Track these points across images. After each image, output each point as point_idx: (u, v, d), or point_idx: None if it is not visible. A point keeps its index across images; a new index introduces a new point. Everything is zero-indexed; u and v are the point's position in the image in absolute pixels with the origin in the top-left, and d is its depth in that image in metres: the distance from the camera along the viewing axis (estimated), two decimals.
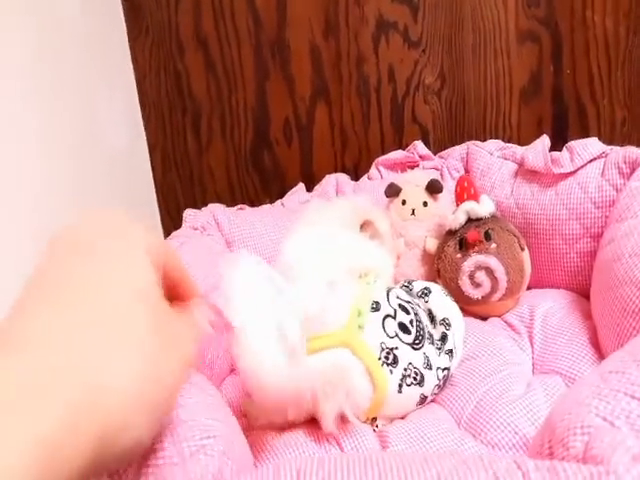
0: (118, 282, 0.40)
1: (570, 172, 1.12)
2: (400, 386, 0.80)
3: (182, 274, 0.49)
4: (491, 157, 1.29)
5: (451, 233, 1.13)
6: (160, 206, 1.63)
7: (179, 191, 1.63)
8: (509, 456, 0.59)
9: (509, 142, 1.32)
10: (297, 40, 1.52)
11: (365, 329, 0.79)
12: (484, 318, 1.11)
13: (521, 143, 1.29)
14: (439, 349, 0.88)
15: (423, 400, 0.85)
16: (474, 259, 1.07)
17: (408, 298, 0.90)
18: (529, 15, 1.46)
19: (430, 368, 0.84)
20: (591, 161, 1.11)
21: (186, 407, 0.57)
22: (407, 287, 0.98)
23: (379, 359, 0.78)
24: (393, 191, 1.23)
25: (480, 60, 1.51)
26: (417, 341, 0.83)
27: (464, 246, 1.09)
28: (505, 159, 1.27)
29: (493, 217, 1.12)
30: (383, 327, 0.81)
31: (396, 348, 0.80)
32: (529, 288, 1.15)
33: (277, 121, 1.58)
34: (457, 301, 1.06)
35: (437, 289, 0.98)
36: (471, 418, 0.81)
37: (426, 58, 1.52)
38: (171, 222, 1.60)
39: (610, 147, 1.11)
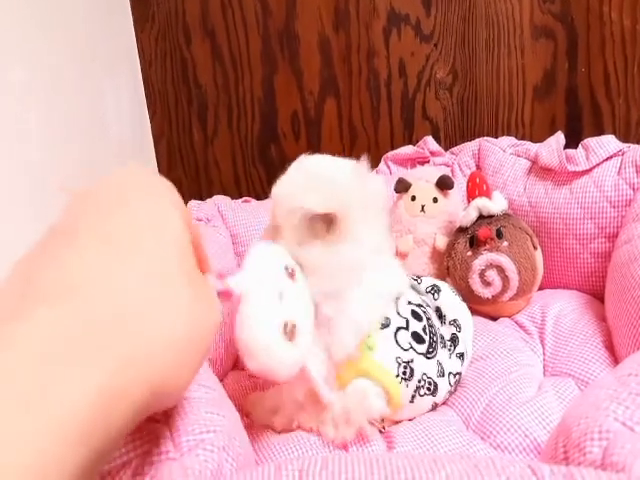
0: (152, 232, 0.40)
1: (585, 170, 1.09)
2: (413, 397, 0.78)
3: (199, 243, 0.47)
4: (504, 154, 1.26)
5: (462, 230, 1.10)
6: None
7: (184, 182, 1.61)
8: (522, 460, 0.56)
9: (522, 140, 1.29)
10: (306, 31, 1.49)
11: (376, 349, 0.76)
12: (494, 318, 1.08)
13: (534, 142, 1.26)
14: (450, 351, 0.85)
15: (434, 407, 0.83)
16: (485, 257, 1.04)
17: (419, 300, 0.86)
18: (544, 10, 1.43)
19: (443, 375, 0.81)
20: (607, 159, 1.08)
21: (187, 401, 0.54)
22: (415, 281, 0.95)
23: (397, 376, 0.76)
24: (402, 187, 1.20)
25: (493, 56, 1.48)
26: (431, 349, 0.80)
27: (475, 244, 1.06)
28: (518, 156, 1.24)
29: (505, 214, 1.09)
30: (396, 341, 0.77)
31: (411, 361, 0.77)
32: (541, 289, 1.12)
33: (285, 114, 1.56)
34: (467, 300, 1.03)
35: (446, 287, 0.95)
36: (480, 420, 0.78)
37: (438, 52, 1.49)
38: None
39: (628, 145, 1.08)
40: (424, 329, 0.81)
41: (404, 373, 0.76)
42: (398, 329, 0.78)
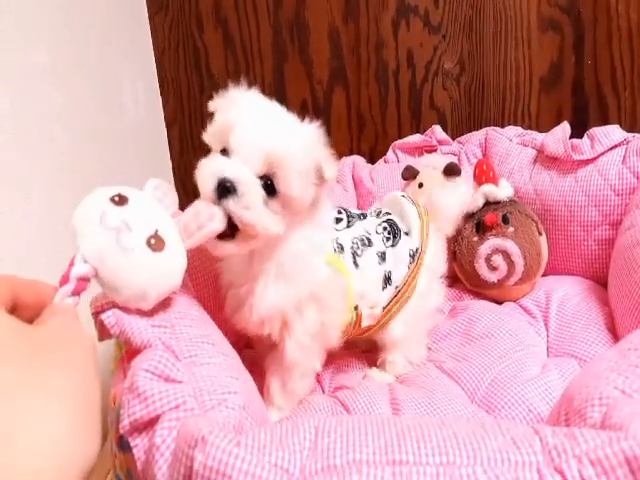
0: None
1: (590, 159, 1.11)
2: (354, 261, 0.85)
3: (34, 292, 0.47)
4: (510, 143, 1.28)
5: (468, 216, 1.12)
6: (176, 182, 1.63)
7: (196, 168, 1.62)
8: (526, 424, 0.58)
9: None
10: (316, 22, 1.51)
11: None
12: (500, 302, 1.10)
13: (540, 133, 1.27)
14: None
15: (388, 278, 0.89)
16: (491, 242, 1.06)
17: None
18: (551, 3, 1.44)
19: (372, 233, 0.90)
20: (612, 148, 1.10)
21: (208, 365, 0.57)
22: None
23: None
24: (410, 174, 1.22)
25: (500, 48, 1.49)
26: (349, 222, 0.89)
27: (481, 229, 1.08)
28: (524, 145, 1.26)
29: (511, 201, 1.11)
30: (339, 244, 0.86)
31: (337, 238, 0.84)
32: (545, 275, 1.14)
33: (294, 103, 1.57)
34: (473, 285, 1.05)
35: None
36: (485, 395, 0.81)
37: (446, 44, 1.50)
38: (186, 198, 1.58)
39: (632, 134, 1.10)
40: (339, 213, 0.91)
41: (335, 250, 0.83)
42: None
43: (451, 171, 1.20)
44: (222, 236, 0.69)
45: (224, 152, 0.71)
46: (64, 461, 0.34)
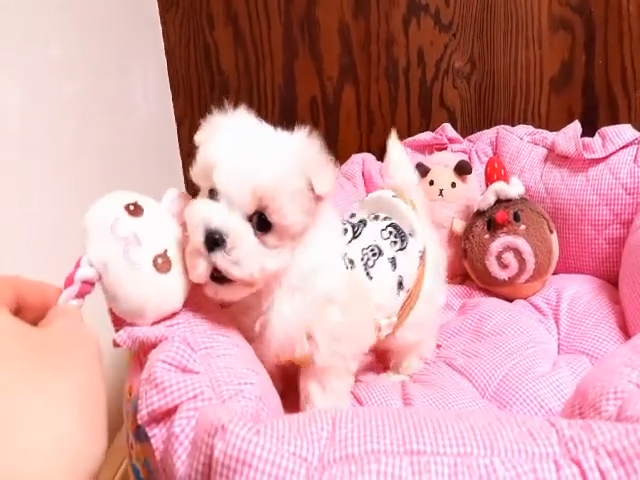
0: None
1: (602, 158, 1.11)
2: (367, 273, 0.81)
3: (38, 294, 0.47)
4: (521, 142, 1.28)
5: (479, 214, 1.12)
6: (185, 178, 1.63)
7: None
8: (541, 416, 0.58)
9: None
10: (327, 18, 1.51)
11: None
12: (510, 300, 1.11)
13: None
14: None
15: (400, 282, 0.85)
16: (502, 240, 1.06)
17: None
18: (562, 2, 1.44)
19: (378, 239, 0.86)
20: (624, 147, 1.10)
21: (224, 357, 0.57)
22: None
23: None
24: (421, 171, 1.23)
25: (511, 47, 1.49)
26: (356, 232, 0.85)
27: (492, 227, 1.08)
28: (535, 144, 1.26)
29: (522, 199, 1.11)
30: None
31: (345, 254, 0.80)
32: (555, 273, 1.14)
33: (304, 100, 1.58)
34: (483, 282, 1.05)
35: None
36: (497, 391, 0.81)
37: (456, 42, 1.50)
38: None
39: None
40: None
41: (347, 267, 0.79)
42: None
43: (462, 169, 1.20)
44: (222, 280, 0.64)
45: (212, 192, 0.66)
46: (70, 461, 0.34)
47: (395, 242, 0.88)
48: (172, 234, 0.64)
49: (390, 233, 0.89)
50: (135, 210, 0.60)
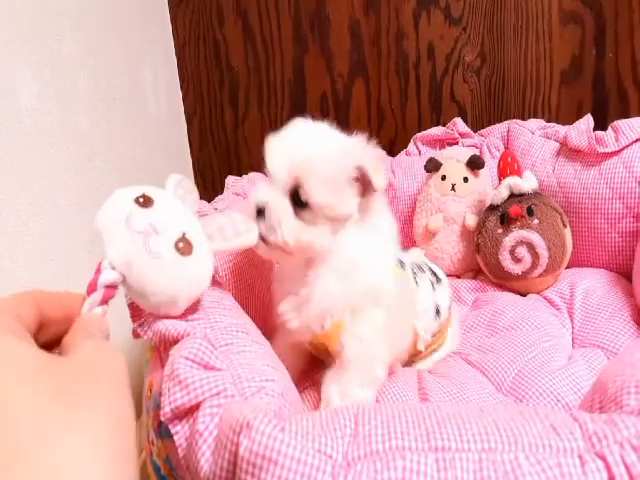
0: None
1: (615, 151, 1.11)
2: (415, 281, 0.88)
3: (61, 307, 0.45)
4: (532, 136, 1.28)
5: (492, 208, 1.12)
6: (195, 175, 1.64)
7: (214, 161, 1.64)
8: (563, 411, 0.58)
9: None
10: (337, 14, 1.51)
11: None
12: (523, 294, 1.10)
13: None
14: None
15: (437, 309, 0.90)
16: (516, 234, 1.06)
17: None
18: None
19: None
20: (637, 141, 1.10)
21: (244, 353, 0.57)
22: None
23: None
24: (433, 166, 1.23)
25: (522, 41, 1.49)
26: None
27: (506, 221, 1.08)
28: (547, 138, 1.25)
29: (536, 193, 1.11)
30: None
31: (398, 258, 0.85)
32: (569, 267, 1.14)
33: (314, 95, 1.58)
34: (496, 277, 1.05)
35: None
36: (513, 385, 0.81)
37: (467, 36, 1.50)
38: (204, 191, 1.60)
39: None
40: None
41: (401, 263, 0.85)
42: None
43: (475, 163, 1.20)
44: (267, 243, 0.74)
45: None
46: None
47: (432, 272, 0.95)
48: (185, 216, 0.63)
49: (426, 265, 0.96)
50: (145, 201, 0.60)
